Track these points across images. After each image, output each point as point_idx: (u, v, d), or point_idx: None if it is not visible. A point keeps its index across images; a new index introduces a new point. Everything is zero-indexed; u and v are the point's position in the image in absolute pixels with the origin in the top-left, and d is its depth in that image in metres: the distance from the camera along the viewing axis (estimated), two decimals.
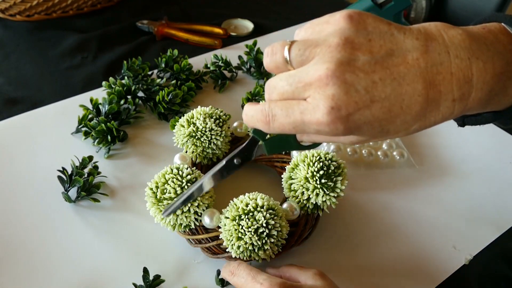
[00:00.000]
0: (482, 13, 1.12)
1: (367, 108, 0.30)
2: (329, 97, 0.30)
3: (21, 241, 0.52)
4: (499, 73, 0.32)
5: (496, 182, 0.62)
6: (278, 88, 0.33)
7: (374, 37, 0.31)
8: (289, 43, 0.33)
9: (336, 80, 0.30)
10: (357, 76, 0.30)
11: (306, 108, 0.31)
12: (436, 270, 0.51)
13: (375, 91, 0.30)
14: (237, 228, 0.44)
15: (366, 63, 0.30)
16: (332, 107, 0.30)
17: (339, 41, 0.31)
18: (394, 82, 0.30)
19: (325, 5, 1.06)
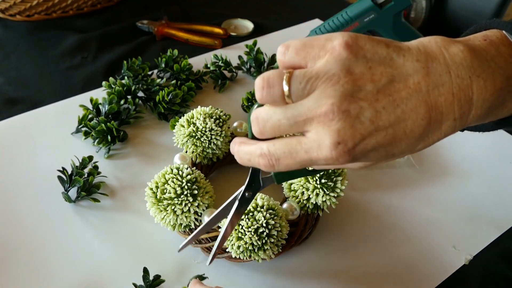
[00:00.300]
0: (482, 13, 1.12)
1: (372, 137, 0.30)
2: (334, 132, 0.29)
3: (21, 241, 0.52)
4: (499, 89, 0.32)
5: (496, 182, 0.62)
6: (272, 122, 0.31)
7: (374, 64, 0.30)
8: (287, 75, 0.31)
9: (342, 115, 0.29)
10: (361, 107, 0.29)
11: (311, 147, 0.30)
12: (436, 270, 0.51)
13: (379, 120, 0.30)
14: (237, 228, 0.44)
15: (369, 93, 0.30)
16: (338, 142, 0.29)
17: (340, 73, 0.30)
18: (398, 109, 0.30)
19: (325, 5, 1.06)
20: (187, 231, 0.49)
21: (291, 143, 0.31)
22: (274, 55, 0.79)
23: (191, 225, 0.48)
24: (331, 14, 0.76)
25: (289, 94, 0.30)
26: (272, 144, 0.32)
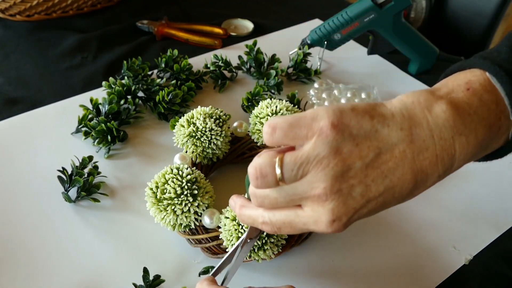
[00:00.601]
0: (482, 13, 1.12)
1: (365, 207, 0.32)
2: (329, 211, 0.31)
3: (21, 241, 0.52)
4: (481, 141, 0.33)
5: (496, 182, 0.62)
6: (270, 199, 0.34)
7: (361, 140, 0.32)
8: (278, 162, 0.32)
9: (334, 196, 0.31)
10: (351, 185, 0.31)
11: (308, 221, 0.33)
12: (436, 270, 0.51)
13: (370, 193, 0.32)
14: (237, 228, 0.44)
15: (358, 170, 0.31)
16: (333, 220, 0.32)
17: (329, 156, 0.31)
18: (386, 180, 0.32)
19: (325, 5, 1.06)
20: (187, 231, 0.49)
21: (290, 215, 0.34)
22: (274, 55, 0.79)
23: (191, 225, 0.48)
24: (331, 14, 0.76)
25: (282, 179, 0.32)
26: (272, 214, 0.35)
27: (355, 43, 0.90)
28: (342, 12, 0.73)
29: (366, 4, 0.71)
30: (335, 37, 0.75)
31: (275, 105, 0.56)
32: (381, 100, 0.71)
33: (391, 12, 0.72)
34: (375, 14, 0.71)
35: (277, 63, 0.79)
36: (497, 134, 0.35)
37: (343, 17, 0.73)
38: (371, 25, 0.73)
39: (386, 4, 0.71)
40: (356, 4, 0.73)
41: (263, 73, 0.77)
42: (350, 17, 0.72)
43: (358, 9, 0.72)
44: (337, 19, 0.74)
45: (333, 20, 0.75)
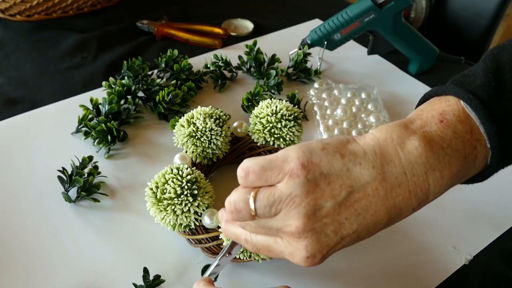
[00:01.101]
0: (482, 13, 1.12)
1: (339, 244, 0.33)
2: (303, 248, 0.32)
3: (21, 241, 0.52)
4: (456, 173, 0.34)
5: (496, 182, 0.62)
6: (250, 226, 0.36)
7: (332, 178, 0.32)
8: (251, 198, 0.33)
9: (307, 234, 0.32)
10: (324, 223, 0.32)
11: (284, 251, 0.34)
12: (436, 270, 0.51)
13: (343, 230, 0.32)
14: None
15: (331, 208, 0.31)
16: (307, 257, 0.32)
17: (301, 195, 0.31)
18: (360, 217, 0.32)
19: (325, 5, 1.06)
20: (187, 231, 0.49)
21: (269, 240, 0.35)
22: (274, 55, 0.79)
23: (191, 225, 0.48)
24: (331, 14, 0.76)
25: (256, 215, 0.33)
26: (254, 235, 0.36)
27: (355, 43, 0.90)
28: (342, 12, 0.73)
29: (366, 4, 0.71)
30: (335, 37, 0.75)
31: (275, 105, 0.56)
32: (381, 101, 0.72)
33: (391, 12, 0.72)
34: (375, 14, 0.71)
35: (277, 63, 0.79)
36: (474, 163, 0.35)
37: (343, 17, 0.73)
38: (371, 25, 0.73)
39: (386, 4, 0.71)
40: (356, 4, 0.73)
41: (263, 73, 0.77)
42: (350, 17, 0.72)
43: (358, 9, 0.72)
44: (337, 19, 0.74)
45: (333, 20, 0.75)
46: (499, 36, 1.74)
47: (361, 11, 0.72)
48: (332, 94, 0.75)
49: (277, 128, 0.56)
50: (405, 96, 0.77)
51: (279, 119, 0.55)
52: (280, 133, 0.56)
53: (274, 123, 0.55)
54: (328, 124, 0.69)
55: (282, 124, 0.55)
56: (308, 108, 0.73)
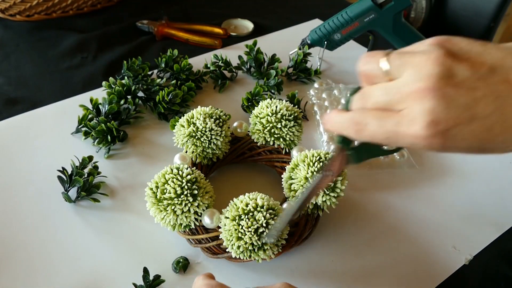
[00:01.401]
0: (482, 13, 1.12)
1: (467, 125, 0.29)
2: (428, 111, 0.29)
3: (21, 241, 0.52)
4: None
5: (496, 182, 0.62)
6: (373, 97, 0.32)
7: (473, 55, 0.29)
8: (387, 53, 0.32)
9: (436, 93, 0.28)
10: (458, 91, 0.28)
11: (402, 121, 0.30)
12: (436, 270, 0.51)
13: (477, 108, 0.28)
14: (237, 228, 0.44)
15: (468, 79, 0.28)
16: (431, 121, 0.29)
17: (439, 53, 0.29)
18: (498, 101, 0.28)
19: (325, 5, 1.06)
20: (187, 231, 0.49)
21: (385, 113, 0.31)
22: (274, 55, 0.79)
23: (191, 225, 0.48)
24: (331, 14, 0.76)
25: (388, 69, 0.31)
26: (367, 111, 0.32)
27: (355, 43, 0.90)
28: (342, 12, 0.73)
29: (366, 4, 0.71)
30: (335, 37, 0.75)
31: (275, 105, 0.56)
32: None
33: (391, 12, 0.72)
34: (375, 14, 0.71)
35: (277, 63, 0.79)
36: None
37: (343, 17, 0.73)
38: (371, 25, 0.73)
39: (386, 4, 0.71)
40: (356, 4, 0.73)
41: (263, 73, 0.77)
42: (350, 17, 0.72)
43: (358, 9, 0.72)
44: (337, 19, 0.74)
45: (333, 20, 0.74)
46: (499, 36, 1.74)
47: (361, 11, 0.72)
48: (332, 94, 0.75)
49: (277, 128, 0.56)
50: None
51: (279, 119, 0.55)
52: (280, 133, 0.56)
53: (274, 123, 0.55)
54: None
55: (282, 124, 0.55)
56: (308, 108, 0.73)
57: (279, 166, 0.58)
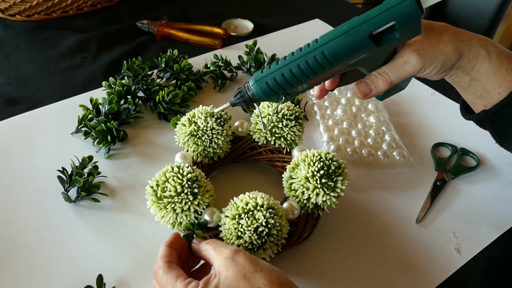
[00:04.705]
0: (482, 13, 1.12)
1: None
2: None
3: (21, 241, 0.52)
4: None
5: (496, 182, 0.62)
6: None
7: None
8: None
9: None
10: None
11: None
12: (436, 270, 0.51)
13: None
14: (237, 227, 0.44)
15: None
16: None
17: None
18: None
19: (325, 5, 1.06)
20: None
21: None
22: (274, 55, 0.79)
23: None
24: (331, 14, 0.76)
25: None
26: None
27: None
28: (314, 51, 0.42)
29: (358, 38, 0.42)
30: (298, 89, 0.46)
31: (276, 105, 0.56)
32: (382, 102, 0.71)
33: (391, 48, 0.45)
34: (367, 53, 0.43)
35: None
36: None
37: (317, 61, 0.43)
38: (356, 65, 0.44)
39: (384, 38, 0.43)
40: (339, 39, 0.42)
41: None
42: (328, 60, 0.42)
43: (342, 48, 0.42)
44: (306, 63, 0.43)
45: (298, 65, 0.43)
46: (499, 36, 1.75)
47: (348, 51, 0.42)
48: (332, 94, 0.75)
49: (278, 127, 0.56)
50: (405, 96, 0.77)
51: (280, 118, 0.55)
52: (281, 133, 0.56)
53: (275, 122, 0.55)
54: (328, 124, 0.69)
55: (283, 123, 0.55)
56: (308, 108, 0.73)
57: (280, 166, 0.58)
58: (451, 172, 0.62)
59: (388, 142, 0.66)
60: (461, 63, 0.47)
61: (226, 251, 0.39)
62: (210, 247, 0.41)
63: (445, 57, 0.46)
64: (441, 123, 0.72)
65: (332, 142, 0.65)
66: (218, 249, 0.40)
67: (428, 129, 0.71)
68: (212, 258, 0.40)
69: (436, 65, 0.46)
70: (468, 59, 0.47)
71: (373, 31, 0.41)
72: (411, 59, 0.44)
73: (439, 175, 0.62)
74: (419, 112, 0.74)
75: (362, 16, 0.41)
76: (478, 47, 0.47)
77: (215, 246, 0.40)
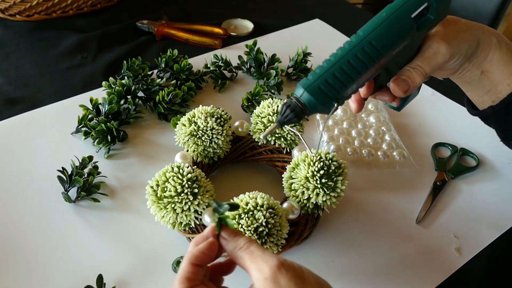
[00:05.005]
0: (482, 13, 1.12)
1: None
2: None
3: (21, 241, 0.52)
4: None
5: (496, 182, 0.62)
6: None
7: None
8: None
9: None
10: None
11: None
12: (436, 270, 0.51)
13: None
14: (237, 227, 0.44)
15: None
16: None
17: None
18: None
19: (325, 5, 1.06)
20: (187, 229, 0.49)
21: None
22: (274, 55, 0.79)
23: (191, 224, 0.48)
24: (331, 14, 0.76)
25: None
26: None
27: None
28: (361, 43, 0.40)
29: (402, 22, 0.41)
30: (348, 91, 0.41)
31: (276, 104, 0.56)
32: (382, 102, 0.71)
33: (425, 31, 0.45)
34: (409, 40, 0.43)
35: (277, 63, 0.78)
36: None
37: (366, 52, 0.40)
38: (396, 57, 0.43)
39: (422, 20, 0.43)
40: (381, 28, 0.41)
41: (263, 73, 0.77)
42: (377, 50, 0.40)
43: (390, 33, 0.41)
44: (356, 57, 0.40)
45: (348, 61, 0.40)
46: None
47: (395, 36, 0.41)
48: None
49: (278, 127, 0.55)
50: None
51: None
52: (281, 133, 0.56)
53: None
54: (328, 124, 0.69)
55: None
56: None
57: (280, 166, 0.58)
58: (451, 172, 0.62)
59: (388, 142, 0.66)
60: (477, 52, 0.48)
61: (266, 268, 0.32)
62: (246, 255, 0.34)
63: (468, 44, 0.46)
64: (441, 123, 0.72)
65: (332, 142, 0.65)
66: (255, 261, 0.33)
67: (428, 129, 0.71)
68: (248, 270, 0.34)
69: (461, 52, 0.46)
70: (482, 47, 0.48)
71: (412, 13, 0.41)
72: (440, 47, 0.44)
73: (439, 175, 0.62)
74: (419, 112, 0.74)
75: (396, 1, 0.42)
76: (490, 34, 0.48)
77: (251, 256, 0.34)
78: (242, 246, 0.35)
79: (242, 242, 0.35)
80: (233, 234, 0.36)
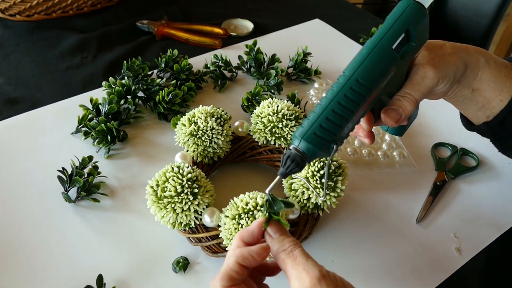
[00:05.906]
0: (482, 13, 1.12)
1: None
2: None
3: (21, 241, 0.52)
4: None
5: (496, 182, 0.62)
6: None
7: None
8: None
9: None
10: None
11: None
12: (436, 270, 0.51)
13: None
14: (237, 227, 0.44)
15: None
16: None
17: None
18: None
19: (325, 5, 1.06)
20: (187, 229, 0.49)
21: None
22: (274, 55, 0.79)
23: (191, 224, 0.48)
24: (331, 14, 0.76)
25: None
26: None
27: (354, 42, 0.90)
28: (348, 83, 0.40)
29: (383, 55, 0.41)
30: (345, 131, 0.40)
31: (276, 104, 0.56)
32: None
33: (410, 58, 0.44)
34: (395, 70, 0.42)
35: (277, 63, 0.79)
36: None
37: (355, 91, 0.40)
38: (386, 88, 0.43)
39: (404, 49, 0.43)
40: (366, 62, 0.41)
41: (263, 73, 0.77)
42: (365, 86, 0.40)
43: (373, 67, 0.41)
44: (345, 97, 0.39)
45: (339, 102, 0.39)
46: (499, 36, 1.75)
47: (379, 69, 0.41)
48: None
49: (278, 127, 0.56)
50: None
51: (280, 118, 0.55)
52: (281, 133, 0.56)
53: (275, 122, 0.55)
54: None
55: (283, 123, 0.55)
56: (308, 108, 0.73)
57: (280, 166, 0.58)
58: (451, 172, 0.62)
59: (388, 142, 0.66)
60: (465, 74, 0.47)
61: (306, 279, 0.32)
62: (288, 259, 0.33)
63: (455, 67, 0.45)
64: (441, 123, 0.72)
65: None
66: (297, 268, 0.33)
67: (428, 129, 0.71)
68: (288, 275, 0.33)
69: (449, 76, 0.45)
70: (471, 69, 0.47)
71: (392, 44, 0.41)
72: (427, 72, 0.43)
73: (439, 175, 0.62)
74: (419, 112, 0.74)
75: (376, 35, 0.42)
76: (476, 55, 0.47)
77: (293, 261, 0.33)
78: (286, 248, 0.34)
79: (287, 244, 0.34)
80: (280, 232, 0.35)
